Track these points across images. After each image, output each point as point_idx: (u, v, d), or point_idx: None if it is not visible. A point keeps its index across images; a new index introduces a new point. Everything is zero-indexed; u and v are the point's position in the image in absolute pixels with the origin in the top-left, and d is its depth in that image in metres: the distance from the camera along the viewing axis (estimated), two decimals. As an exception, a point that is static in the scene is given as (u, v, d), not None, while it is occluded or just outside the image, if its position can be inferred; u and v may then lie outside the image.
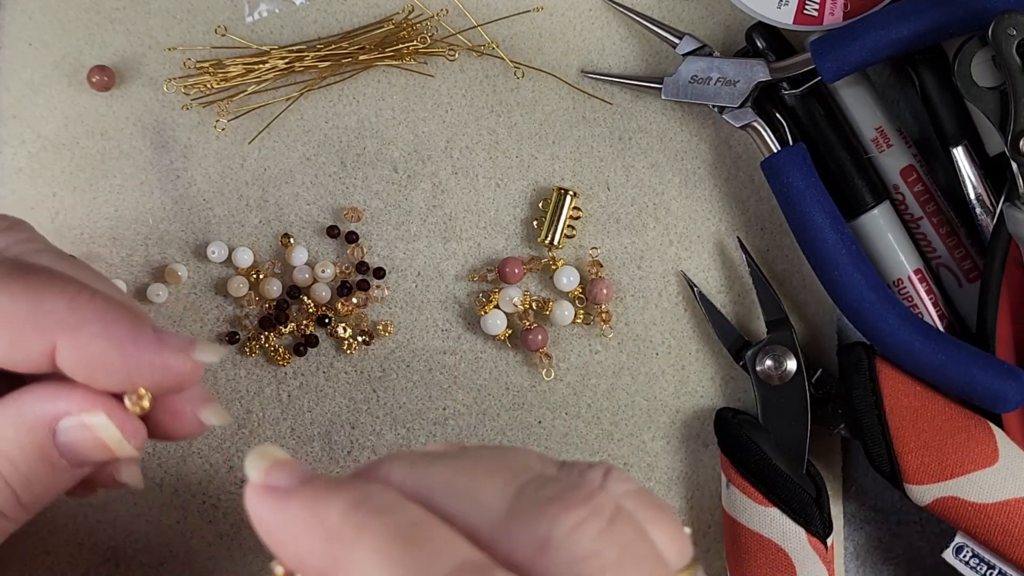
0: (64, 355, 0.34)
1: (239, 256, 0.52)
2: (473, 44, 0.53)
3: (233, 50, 0.53)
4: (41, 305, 0.33)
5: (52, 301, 0.34)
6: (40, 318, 0.33)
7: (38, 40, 0.53)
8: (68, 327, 0.33)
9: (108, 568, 0.52)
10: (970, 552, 0.47)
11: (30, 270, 0.34)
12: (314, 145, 0.53)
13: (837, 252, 0.48)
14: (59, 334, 0.33)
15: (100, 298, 0.34)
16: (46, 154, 0.53)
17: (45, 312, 0.33)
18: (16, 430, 0.34)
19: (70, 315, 0.33)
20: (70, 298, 0.34)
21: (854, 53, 0.47)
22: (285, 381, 0.53)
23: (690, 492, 0.52)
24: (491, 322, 0.52)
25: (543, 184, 0.53)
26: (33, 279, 0.34)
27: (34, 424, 0.34)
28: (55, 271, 0.35)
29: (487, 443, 0.52)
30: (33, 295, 0.33)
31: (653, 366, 0.52)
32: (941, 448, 0.47)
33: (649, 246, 0.53)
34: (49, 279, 0.34)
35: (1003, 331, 0.48)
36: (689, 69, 0.51)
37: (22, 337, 0.33)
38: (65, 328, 0.33)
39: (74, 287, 0.34)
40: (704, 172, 0.53)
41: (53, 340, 0.33)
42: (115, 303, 0.34)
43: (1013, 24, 0.45)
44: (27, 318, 0.33)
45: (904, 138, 0.51)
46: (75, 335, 0.33)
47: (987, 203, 0.49)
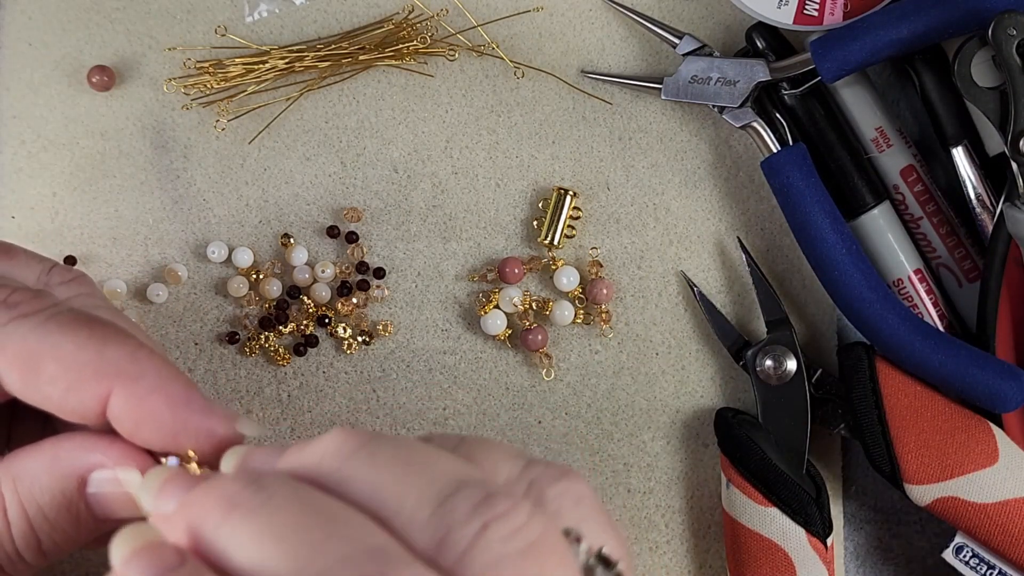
0: (117, 404, 0.34)
1: (239, 256, 0.52)
2: (473, 44, 0.53)
3: (233, 50, 0.53)
4: (104, 353, 0.34)
5: (115, 351, 0.34)
6: (102, 365, 0.34)
7: (38, 40, 0.53)
8: (127, 377, 0.34)
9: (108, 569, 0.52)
10: (970, 552, 0.47)
11: (96, 319, 0.35)
12: (314, 145, 0.53)
13: (837, 252, 0.48)
14: (117, 383, 0.34)
15: (158, 357, 0.35)
16: (46, 154, 0.53)
17: (107, 360, 0.34)
18: (49, 476, 0.35)
19: (130, 366, 0.34)
20: (131, 350, 0.35)
21: (854, 53, 0.47)
22: (285, 381, 0.53)
23: (690, 492, 0.52)
24: (491, 322, 0.52)
25: (543, 184, 0.53)
26: (98, 328, 0.35)
27: (67, 472, 0.35)
28: (117, 325, 0.36)
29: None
30: (98, 343, 0.34)
31: (653, 366, 0.52)
32: (941, 448, 0.47)
33: (649, 246, 0.53)
34: (113, 330, 0.35)
35: (1003, 331, 0.48)
36: (689, 69, 0.51)
37: (81, 382, 0.34)
38: (124, 378, 0.34)
39: (135, 341, 0.35)
40: (704, 172, 0.53)
41: (110, 389, 0.34)
42: (171, 364, 0.36)
43: (1013, 24, 0.45)
44: (89, 364, 0.34)
45: (904, 138, 0.51)
46: (132, 386, 0.34)
47: (987, 203, 0.49)
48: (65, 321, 0.35)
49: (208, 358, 0.52)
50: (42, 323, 0.34)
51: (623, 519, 0.52)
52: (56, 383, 0.34)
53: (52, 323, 0.35)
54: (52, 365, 0.34)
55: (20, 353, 0.34)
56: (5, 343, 0.34)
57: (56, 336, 0.34)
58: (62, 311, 0.35)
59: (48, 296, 0.36)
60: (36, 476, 0.35)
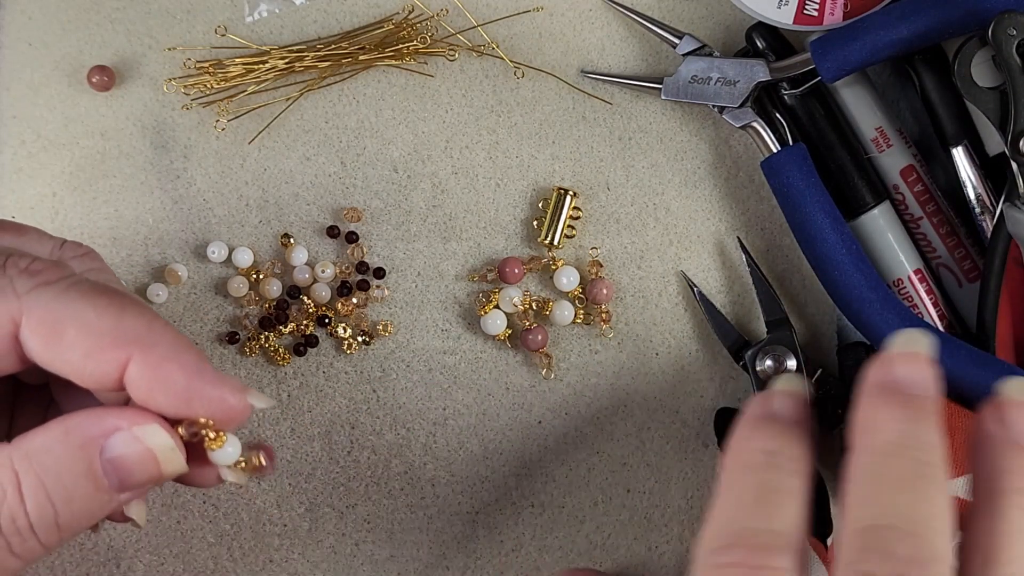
0: (134, 370, 0.36)
1: (239, 256, 0.52)
2: (473, 44, 0.53)
3: (233, 50, 0.53)
4: (123, 320, 0.36)
5: (133, 319, 0.36)
6: (120, 332, 0.35)
7: (38, 40, 0.53)
8: (144, 344, 0.36)
9: (109, 568, 0.52)
10: None
11: (113, 289, 0.37)
12: (314, 145, 0.53)
13: (837, 252, 0.48)
14: (135, 350, 0.35)
15: (172, 328, 0.37)
16: (46, 154, 0.53)
17: (126, 327, 0.36)
18: (65, 447, 0.35)
19: (148, 334, 0.36)
20: (148, 319, 0.36)
21: (854, 53, 0.47)
22: (285, 381, 0.53)
23: (690, 492, 0.52)
24: (491, 322, 0.52)
25: (543, 184, 0.53)
26: (116, 297, 0.36)
27: (84, 441, 0.36)
28: (134, 296, 0.37)
29: (486, 443, 0.52)
30: (116, 310, 0.36)
31: (653, 366, 0.52)
32: None
33: (649, 246, 0.53)
34: (131, 300, 0.37)
35: (1003, 331, 0.48)
36: (689, 69, 0.51)
37: (101, 348, 0.35)
38: (141, 345, 0.36)
39: (151, 311, 0.37)
40: (704, 172, 0.53)
41: (128, 355, 0.35)
42: (184, 336, 0.37)
43: (1013, 24, 0.45)
44: (108, 331, 0.35)
45: (904, 138, 0.51)
46: (149, 353, 0.35)
47: (987, 203, 0.49)
48: (85, 289, 0.36)
49: (208, 358, 0.52)
50: (64, 291, 0.36)
51: (623, 519, 0.52)
52: (76, 348, 0.35)
53: (73, 291, 0.36)
54: (73, 331, 0.35)
55: (43, 319, 0.35)
56: (30, 308, 0.35)
57: (77, 303, 0.35)
58: (81, 280, 0.36)
59: (66, 266, 0.37)
60: (51, 449, 0.35)
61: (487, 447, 0.52)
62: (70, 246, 0.41)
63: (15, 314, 0.35)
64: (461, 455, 0.52)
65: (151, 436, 0.36)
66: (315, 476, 0.52)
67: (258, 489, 0.52)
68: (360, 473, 0.52)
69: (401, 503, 0.52)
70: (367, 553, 0.52)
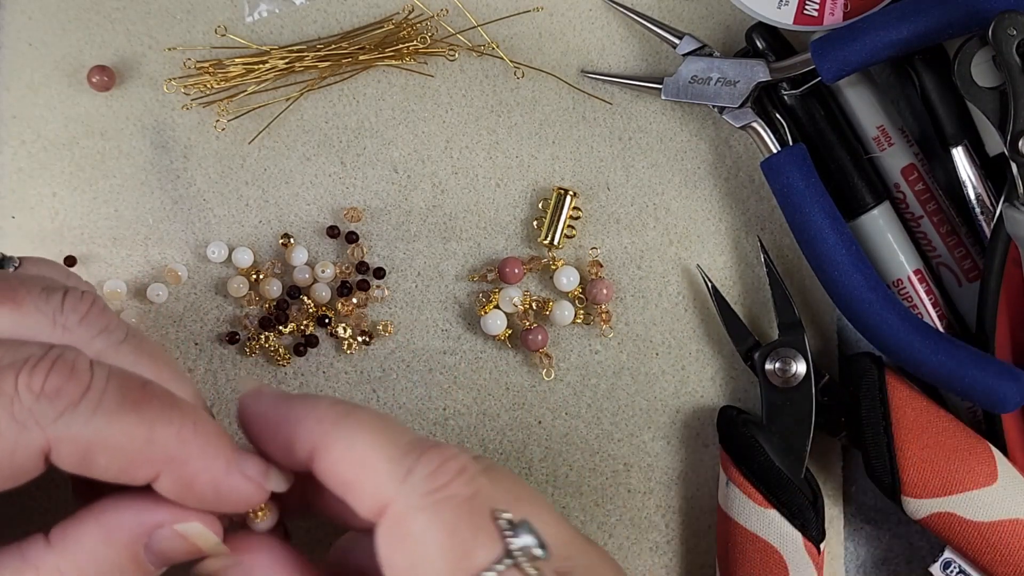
0: (163, 484, 0.35)
1: (239, 256, 0.52)
2: (473, 44, 0.53)
3: (233, 50, 0.53)
4: (153, 439, 0.35)
5: (163, 434, 0.35)
6: (151, 453, 0.35)
7: (38, 40, 0.53)
8: (176, 463, 0.35)
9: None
10: (957, 568, 0.48)
11: (142, 398, 0.35)
12: (314, 145, 0.53)
13: (837, 252, 0.48)
14: (165, 469, 0.35)
15: (202, 429, 0.36)
16: (46, 154, 0.53)
17: (156, 446, 0.35)
18: (108, 547, 0.35)
19: (178, 449, 0.35)
20: (178, 431, 0.35)
21: (854, 53, 0.47)
22: (285, 381, 0.53)
23: (690, 492, 0.52)
24: (491, 322, 0.52)
25: (543, 184, 0.53)
26: (146, 409, 0.35)
27: (128, 540, 0.35)
28: (159, 391, 0.36)
29: (486, 443, 0.52)
30: (147, 428, 0.34)
31: (653, 366, 0.52)
32: (943, 464, 0.47)
33: (649, 246, 0.53)
34: (159, 408, 0.35)
35: (1002, 331, 0.48)
36: (689, 69, 0.51)
37: (131, 466, 0.35)
38: (172, 464, 0.35)
39: (179, 417, 0.35)
40: (704, 172, 0.53)
41: (160, 471, 0.35)
42: (213, 432, 0.36)
43: (1013, 24, 0.45)
44: (139, 452, 0.34)
45: (906, 137, 0.51)
46: (180, 471, 0.35)
47: (987, 203, 0.49)
48: (112, 407, 0.34)
49: (208, 358, 0.52)
50: (91, 414, 0.34)
51: (623, 519, 0.52)
52: (108, 470, 0.34)
53: (100, 414, 0.34)
54: (104, 458, 0.34)
55: (73, 451, 0.34)
56: (58, 440, 0.34)
57: (105, 429, 0.34)
58: (107, 393, 0.35)
59: (83, 370, 0.35)
60: (95, 551, 0.35)
61: (487, 447, 0.52)
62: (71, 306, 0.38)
63: (43, 445, 0.34)
64: (461, 455, 0.52)
65: (194, 533, 0.36)
66: (315, 476, 0.52)
67: (258, 489, 0.52)
68: (360, 473, 0.52)
69: (401, 503, 0.52)
70: (367, 553, 0.52)
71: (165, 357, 0.39)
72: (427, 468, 0.35)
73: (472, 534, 0.35)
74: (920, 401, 0.48)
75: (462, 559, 0.34)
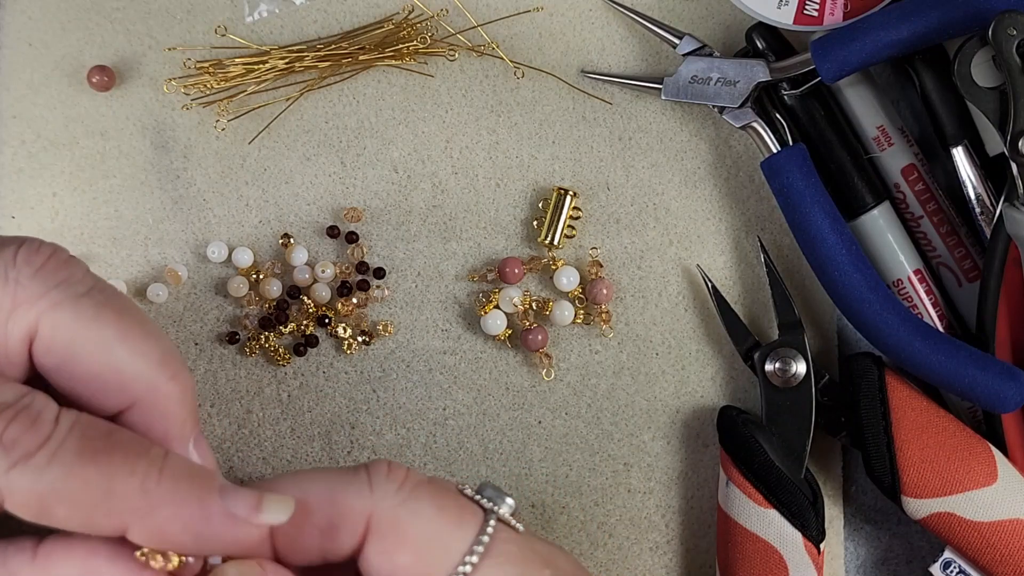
0: (135, 535, 0.34)
1: (239, 256, 0.52)
2: (473, 44, 0.53)
3: (233, 50, 0.53)
4: (113, 492, 0.33)
5: (123, 486, 0.33)
6: (112, 505, 0.33)
7: (38, 40, 0.53)
8: (140, 514, 0.33)
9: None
10: (957, 567, 0.48)
11: (102, 447, 0.34)
12: (314, 145, 0.53)
13: (837, 252, 0.48)
14: (131, 521, 0.33)
15: (169, 475, 0.34)
16: (46, 154, 0.53)
17: (117, 498, 0.33)
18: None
19: (142, 501, 0.33)
20: (140, 482, 0.34)
21: (854, 53, 0.47)
22: (285, 381, 0.53)
23: (690, 492, 0.52)
24: (491, 322, 0.52)
25: (543, 184, 0.53)
26: (105, 460, 0.33)
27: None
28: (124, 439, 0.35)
29: (486, 443, 0.52)
30: (105, 481, 0.33)
31: (653, 366, 0.52)
32: (943, 464, 0.47)
33: (649, 246, 0.53)
34: (121, 458, 0.34)
35: (1002, 331, 0.48)
36: (689, 69, 0.51)
37: (94, 520, 0.33)
38: (137, 515, 0.33)
39: (144, 465, 0.34)
40: (704, 172, 0.53)
41: (125, 524, 0.33)
42: (184, 476, 0.34)
43: (1013, 24, 0.45)
44: (99, 504, 0.33)
45: (906, 136, 0.51)
46: (146, 520, 0.33)
47: (987, 203, 0.49)
48: (69, 459, 0.33)
49: (208, 358, 0.52)
50: (45, 466, 0.33)
51: (623, 519, 0.52)
52: (69, 522, 0.33)
53: (56, 465, 0.33)
54: (62, 509, 0.33)
55: (28, 501, 0.33)
56: (12, 492, 0.33)
57: (61, 481, 0.33)
58: (66, 444, 0.33)
59: (46, 421, 0.34)
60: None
61: (487, 447, 0.52)
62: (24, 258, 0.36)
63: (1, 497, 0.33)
64: (461, 455, 0.52)
65: None
66: (315, 476, 0.52)
67: (258, 489, 0.52)
68: (360, 473, 0.52)
69: (401, 503, 0.52)
70: (367, 553, 0.52)
71: (135, 314, 0.37)
72: (381, 473, 0.37)
73: (455, 503, 0.37)
74: (920, 401, 0.48)
75: (457, 526, 0.36)
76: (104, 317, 0.36)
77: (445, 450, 0.52)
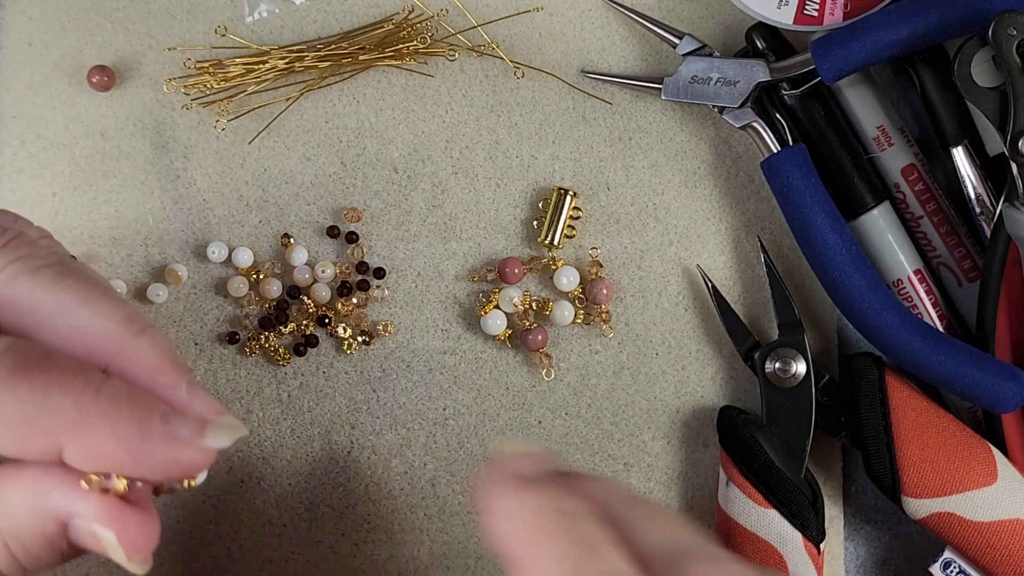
0: (71, 454, 0.33)
1: (239, 256, 0.52)
2: (473, 44, 0.53)
3: (233, 50, 0.53)
4: (47, 406, 0.33)
5: (58, 401, 0.33)
6: (46, 419, 0.33)
7: (38, 40, 0.53)
8: (75, 428, 0.33)
9: (109, 568, 0.52)
10: (957, 567, 0.48)
11: (36, 364, 0.34)
12: (314, 145, 0.53)
13: (837, 252, 0.48)
14: (66, 436, 0.33)
15: (107, 394, 0.34)
16: (46, 154, 0.53)
17: (51, 413, 0.33)
18: (31, 519, 0.34)
19: (76, 415, 0.33)
20: (75, 397, 0.33)
21: (854, 53, 0.47)
22: (285, 381, 0.53)
23: (690, 492, 0.52)
24: (491, 322, 0.52)
25: (543, 184, 0.53)
26: (39, 376, 0.33)
27: (48, 517, 0.34)
28: (63, 360, 0.35)
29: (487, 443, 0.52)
30: (39, 395, 0.33)
31: (653, 366, 0.52)
32: (943, 464, 0.47)
33: (649, 246, 0.53)
34: (56, 375, 0.34)
35: (1002, 331, 0.48)
36: (689, 69, 0.51)
37: (28, 437, 0.33)
38: (72, 429, 0.33)
39: (79, 383, 0.34)
40: (704, 172, 0.53)
41: (60, 441, 0.33)
42: (123, 396, 0.34)
43: (1013, 24, 0.45)
44: (32, 419, 0.33)
45: (906, 136, 0.51)
46: (81, 436, 0.33)
47: (987, 203, 0.49)
48: (2, 375, 0.33)
49: (208, 358, 0.52)
50: None
51: (623, 519, 0.52)
52: (4, 443, 0.33)
53: None
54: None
55: None
56: None
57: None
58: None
59: None
60: (18, 517, 0.34)
61: (487, 447, 0.52)
62: None
63: None
64: (461, 455, 0.52)
65: (108, 545, 0.34)
66: (315, 476, 0.52)
67: (258, 489, 0.52)
68: (360, 473, 0.52)
69: (401, 503, 0.52)
70: (367, 553, 0.52)
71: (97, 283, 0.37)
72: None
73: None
74: (920, 401, 0.48)
75: None
76: (63, 283, 0.36)
77: (445, 450, 0.52)
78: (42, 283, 0.36)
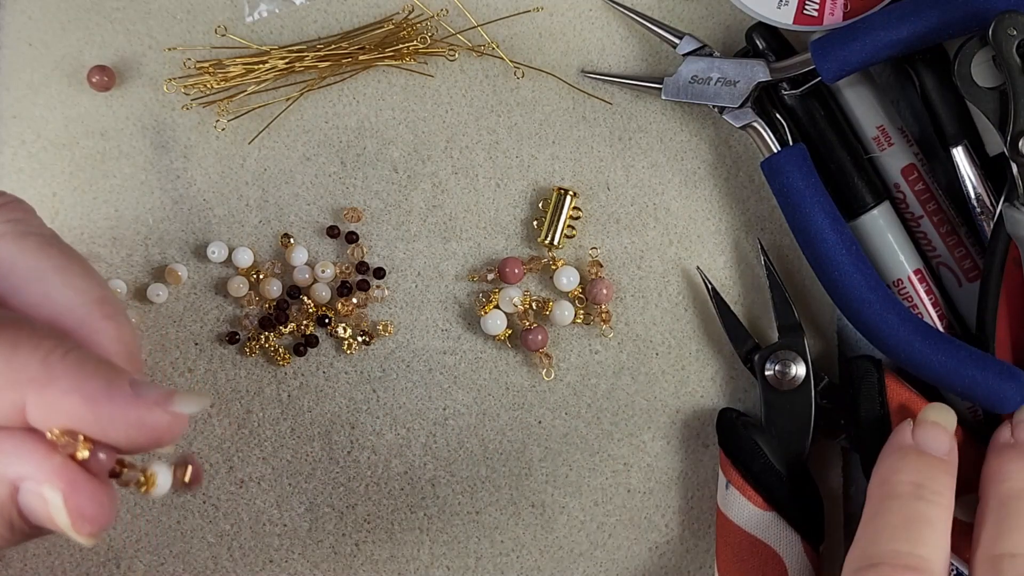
0: (33, 411, 0.33)
1: (239, 256, 0.52)
2: (473, 44, 0.53)
3: (233, 50, 0.53)
4: (12, 361, 0.33)
5: (25, 356, 0.33)
6: (11, 374, 0.33)
7: (38, 40, 0.53)
8: (38, 383, 0.33)
9: (109, 568, 0.52)
10: (956, 569, 0.48)
11: (9, 322, 0.34)
12: (314, 145, 0.53)
13: (837, 252, 0.48)
14: (29, 391, 0.33)
15: (74, 355, 0.34)
16: (46, 154, 0.53)
17: (16, 368, 0.33)
18: None
19: (42, 371, 0.33)
20: (43, 355, 0.33)
21: (854, 53, 0.47)
22: (285, 381, 0.53)
23: (690, 492, 0.52)
24: (491, 322, 0.52)
25: (543, 184, 0.53)
26: (8, 332, 0.33)
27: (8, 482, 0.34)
28: (35, 324, 0.35)
29: (486, 443, 0.52)
30: (7, 349, 0.33)
31: (653, 366, 0.52)
32: None
33: (649, 246, 0.53)
34: (26, 333, 0.34)
35: (1002, 331, 0.48)
36: (689, 69, 0.51)
37: None
38: (36, 385, 0.33)
39: (49, 343, 0.34)
40: (704, 172, 0.53)
41: (23, 396, 0.33)
42: (91, 360, 0.34)
43: (1013, 24, 0.45)
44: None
45: (906, 136, 0.51)
46: (45, 391, 0.33)
47: (987, 203, 0.49)
48: None
49: (208, 358, 0.52)
50: None
51: (623, 519, 0.52)
52: None
53: None
54: None
55: None
56: None
57: None
58: None
59: None
60: None
61: (487, 447, 0.52)
62: None
63: None
64: (461, 455, 0.52)
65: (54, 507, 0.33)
66: (315, 476, 0.52)
67: (258, 489, 0.52)
68: (360, 473, 0.52)
69: (401, 503, 0.52)
70: (367, 553, 0.52)
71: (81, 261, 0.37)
72: None
73: None
74: (920, 404, 0.48)
75: None
76: (46, 252, 0.37)
77: (445, 450, 0.52)
78: (27, 248, 0.37)
